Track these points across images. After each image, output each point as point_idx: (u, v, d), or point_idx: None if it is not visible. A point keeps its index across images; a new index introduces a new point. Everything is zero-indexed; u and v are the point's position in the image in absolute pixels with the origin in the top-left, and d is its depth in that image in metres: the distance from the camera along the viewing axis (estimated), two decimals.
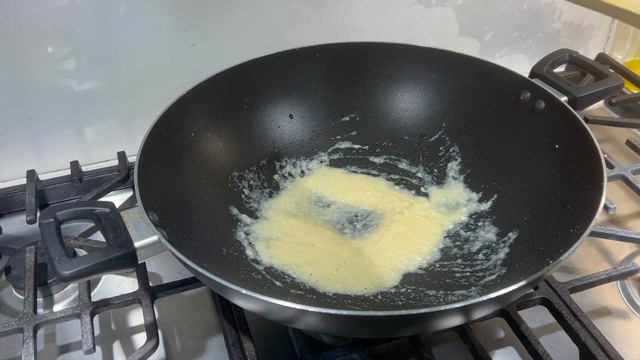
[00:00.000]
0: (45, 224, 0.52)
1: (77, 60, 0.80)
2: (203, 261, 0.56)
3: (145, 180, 0.59)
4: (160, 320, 0.66)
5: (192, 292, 0.67)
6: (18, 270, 0.70)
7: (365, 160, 0.81)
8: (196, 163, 0.70)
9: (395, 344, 0.59)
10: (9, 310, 0.68)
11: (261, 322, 0.63)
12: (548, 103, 0.69)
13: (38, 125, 0.83)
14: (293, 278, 0.64)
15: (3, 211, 0.82)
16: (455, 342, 0.61)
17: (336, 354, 0.58)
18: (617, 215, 0.80)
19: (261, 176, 0.76)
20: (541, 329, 0.64)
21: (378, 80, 0.81)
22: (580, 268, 0.73)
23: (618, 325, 0.66)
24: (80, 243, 0.72)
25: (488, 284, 0.60)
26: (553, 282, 0.65)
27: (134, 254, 0.52)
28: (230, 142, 0.75)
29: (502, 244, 0.65)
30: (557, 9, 1.02)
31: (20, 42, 0.76)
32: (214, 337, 0.65)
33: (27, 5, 0.73)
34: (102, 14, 0.77)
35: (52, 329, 0.66)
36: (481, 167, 0.74)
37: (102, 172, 0.84)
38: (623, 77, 0.88)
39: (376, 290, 0.63)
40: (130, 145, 0.87)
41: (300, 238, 0.68)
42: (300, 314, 0.47)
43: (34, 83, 0.79)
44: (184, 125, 0.70)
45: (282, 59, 0.78)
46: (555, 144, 0.66)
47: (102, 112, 0.85)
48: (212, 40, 0.85)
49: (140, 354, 0.58)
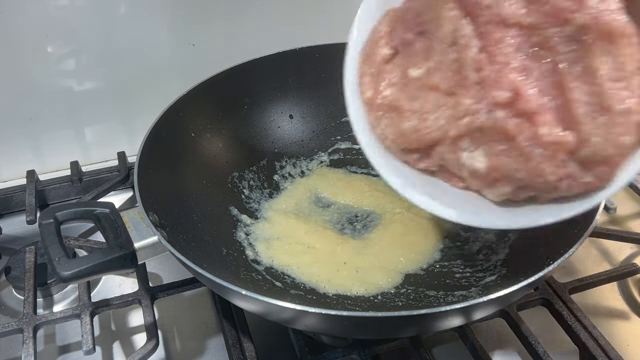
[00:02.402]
0: (45, 224, 0.52)
1: (77, 60, 0.80)
2: (203, 262, 0.56)
3: (145, 181, 0.59)
4: (160, 320, 0.66)
5: (192, 293, 0.67)
6: (18, 270, 0.70)
7: (365, 160, 0.80)
8: (196, 163, 0.70)
9: (395, 345, 0.59)
10: (9, 310, 0.68)
11: (261, 322, 0.63)
12: None
13: (38, 125, 0.83)
14: (293, 278, 0.64)
15: (3, 211, 0.82)
16: (456, 342, 0.61)
17: (336, 354, 0.58)
18: (617, 215, 0.80)
19: (261, 176, 0.76)
20: (541, 329, 0.64)
21: None
22: (580, 268, 0.72)
23: (618, 325, 0.66)
24: (80, 243, 0.72)
25: (488, 285, 0.60)
26: (553, 283, 0.65)
27: (133, 255, 0.52)
28: (230, 142, 0.75)
29: (502, 244, 0.65)
30: None
31: (20, 42, 0.76)
32: (213, 338, 0.65)
33: (27, 5, 0.73)
34: (102, 14, 0.77)
35: (52, 329, 0.66)
36: None
37: (102, 172, 0.84)
38: None
39: (376, 291, 0.63)
40: (130, 145, 0.87)
41: (300, 238, 0.68)
42: (300, 314, 0.47)
43: (34, 83, 0.79)
44: (184, 125, 0.70)
45: (282, 59, 0.78)
46: None
47: (102, 112, 0.85)
48: (212, 40, 0.85)
49: (140, 355, 0.57)
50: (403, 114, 0.51)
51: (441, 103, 0.49)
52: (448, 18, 0.47)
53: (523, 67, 0.45)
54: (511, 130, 0.45)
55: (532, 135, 0.44)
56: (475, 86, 0.47)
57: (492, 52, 0.46)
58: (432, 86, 0.49)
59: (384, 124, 0.52)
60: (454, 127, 0.48)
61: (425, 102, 0.49)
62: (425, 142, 0.50)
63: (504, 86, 0.45)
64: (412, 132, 0.50)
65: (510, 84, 0.45)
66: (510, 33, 0.45)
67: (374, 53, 0.53)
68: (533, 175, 0.45)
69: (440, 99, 0.49)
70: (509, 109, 0.45)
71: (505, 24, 0.45)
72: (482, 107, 0.46)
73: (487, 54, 0.46)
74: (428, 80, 0.49)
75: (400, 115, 0.51)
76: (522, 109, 0.45)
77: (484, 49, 0.46)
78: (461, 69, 0.47)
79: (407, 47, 0.51)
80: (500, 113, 0.46)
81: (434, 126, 0.49)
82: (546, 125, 0.44)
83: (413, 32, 0.51)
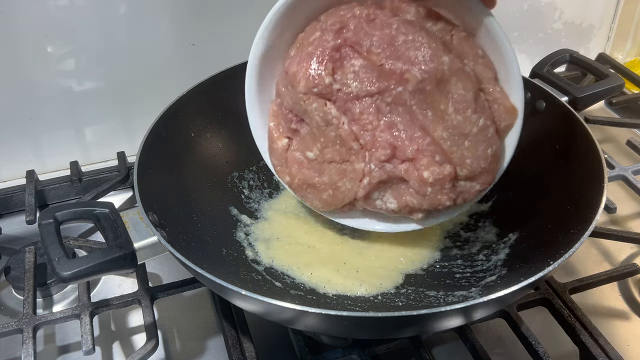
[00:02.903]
0: (44, 224, 0.52)
1: (77, 60, 0.80)
2: (203, 262, 0.55)
3: (145, 181, 0.59)
4: (160, 320, 0.66)
5: (192, 293, 0.67)
6: (17, 270, 0.70)
7: None
8: (196, 163, 0.70)
9: (395, 345, 0.59)
10: (9, 310, 0.68)
11: (261, 322, 0.63)
12: (548, 103, 0.68)
13: (38, 125, 0.83)
14: (293, 279, 0.64)
15: (2, 211, 0.82)
16: (456, 342, 0.61)
17: (336, 354, 0.58)
18: (617, 215, 0.80)
19: (261, 176, 0.76)
20: (541, 329, 0.64)
21: None
22: (580, 268, 0.72)
23: (618, 325, 0.66)
24: (80, 243, 0.72)
25: (488, 285, 0.60)
26: (553, 283, 0.65)
27: (133, 255, 0.52)
28: (230, 142, 0.75)
29: (502, 245, 0.65)
30: (558, 8, 1.02)
31: (20, 42, 0.76)
32: (213, 338, 0.65)
33: (27, 5, 0.73)
34: (102, 14, 0.77)
35: (52, 329, 0.66)
36: None
37: (102, 173, 0.84)
38: (623, 77, 0.88)
39: (376, 291, 0.63)
40: (130, 145, 0.87)
41: (300, 238, 0.68)
42: (300, 314, 0.47)
43: (34, 83, 0.79)
44: (184, 125, 0.70)
45: None
46: (556, 144, 0.66)
47: (102, 112, 0.85)
48: (212, 40, 0.84)
49: (140, 355, 0.57)
50: (319, 188, 0.59)
51: (342, 172, 0.58)
52: (313, 109, 0.56)
53: (389, 124, 0.55)
54: (404, 177, 0.55)
55: (420, 178, 0.54)
56: (361, 152, 0.56)
57: (360, 122, 0.55)
58: (329, 160, 0.58)
59: (310, 198, 0.61)
60: (360, 189, 0.57)
61: (331, 174, 0.58)
62: (345, 203, 0.59)
63: (382, 145, 0.55)
64: (332, 199, 0.59)
65: (385, 142, 0.55)
66: (366, 103, 0.55)
67: (274, 148, 0.61)
68: (434, 205, 0.55)
69: (340, 168, 0.58)
70: (393, 160, 0.55)
71: (359, 98, 0.55)
72: (373, 166, 0.56)
73: (358, 125, 0.56)
74: (324, 157, 0.58)
75: (317, 189, 0.60)
76: (403, 158, 0.55)
77: (353, 122, 0.56)
78: (343, 142, 0.56)
79: (296, 134, 0.60)
80: (388, 166, 0.56)
81: (346, 191, 0.58)
82: (426, 169, 0.54)
83: (294, 123, 0.59)
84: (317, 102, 0.56)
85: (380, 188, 0.58)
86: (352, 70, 0.54)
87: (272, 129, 0.61)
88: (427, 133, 0.54)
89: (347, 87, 0.55)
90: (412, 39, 0.52)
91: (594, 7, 1.05)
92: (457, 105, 0.53)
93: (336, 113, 0.56)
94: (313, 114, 0.56)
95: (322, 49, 0.54)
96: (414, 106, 0.54)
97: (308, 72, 0.54)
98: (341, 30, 0.54)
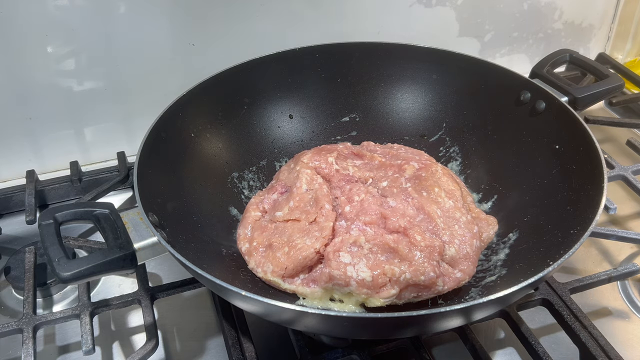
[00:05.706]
0: (44, 225, 0.52)
1: (77, 60, 0.80)
2: (203, 262, 0.55)
3: (145, 181, 0.58)
4: (160, 320, 0.66)
5: (192, 293, 0.67)
6: (17, 270, 0.70)
7: None
8: (196, 163, 0.70)
9: (395, 345, 0.59)
10: (9, 310, 0.68)
11: (261, 323, 0.63)
12: (548, 103, 0.68)
13: (38, 125, 0.83)
14: None
15: (3, 211, 0.82)
16: (456, 342, 0.61)
17: (336, 354, 0.58)
18: (617, 215, 0.80)
19: (261, 177, 0.76)
20: (541, 329, 0.64)
21: (378, 80, 0.81)
22: (580, 268, 0.72)
23: (618, 325, 0.66)
24: (80, 244, 0.72)
25: (488, 285, 0.60)
26: (553, 283, 0.65)
27: (133, 255, 0.52)
28: (230, 142, 0.75)
29: (502, 245, 0.65)
30: (558, 8, 1.02)
31: (20, 42, 0.76)
32: (213, 338, 0.65)
33: (27, 5, 0.73)
34: (102, 14, 0.77)
35: (52, 329, 0.66)
36: (481, 168, 0.74)
37: (102, 173, 0.84)
38: (623, 77, 0.88)
39: None
40: (130, 145, 0.87)
41: None
42: (300, 315, 0.47)
43: (33, 83, 0.79)
44: (184, 125, 0.70)
45: (282, 59, 0.78)
46: (556, 144, 0.66)
47: (102, 112, 0.85)
48: (212, 40, 0.84)
49: (140, 355, 0.57)
50: (275, 246, 0.61)
51: (304, 230, 0.61)
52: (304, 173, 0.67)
53: (380, 200, 0.62)
54: (390, 244, 0.57)
55: (411, 242, 0.57)
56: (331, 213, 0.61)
57: (348, 194, 0.64)
58: (296, 219, 0.62)
59: (262, 262, 0.61)
60: (319, 242, 0.58)
61: (292, 233, 0.61)
62: (301, 263, 0.58)
63: (370, 213, 0.60)
64: (286, 258, 0.59)
65: (375, 212, 0.60)
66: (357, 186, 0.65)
67: (246, 217, 0.67)
68: (417, 273, 0.55)
69: (303, 227, 0.61)
70: (380, 229, 0.59)
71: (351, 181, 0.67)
72: (353, 226, 0.60)
73: (345, 195, 0.64)
74: (291, 215, 0.63)
75: (273, 248, 0.61)
76: (393, 229, 0.58)
77: (338, 189, 0.66)
78: (317, 201, 0.63)
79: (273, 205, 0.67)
80: (370, 232, 0.59)
81: (304, 247, 0.59)
82: (419, 235, 0.58)
83: (276, 193, 0.69)
84: (311, 170, 0.68)
85: (353, 252, 0.57)
86: (353, 165, 0.70)
87: (252, 203, 0.69)
88: (422, 209, 0.61)
89: (345, 170, 0.69)
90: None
91: (594, 7, 1.05)
92: (448, 193, 0.64)
93: (321, 180, 0.66)
94: (301, 177, 0.66)
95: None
96: (409, 188, 0.64)
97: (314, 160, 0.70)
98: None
